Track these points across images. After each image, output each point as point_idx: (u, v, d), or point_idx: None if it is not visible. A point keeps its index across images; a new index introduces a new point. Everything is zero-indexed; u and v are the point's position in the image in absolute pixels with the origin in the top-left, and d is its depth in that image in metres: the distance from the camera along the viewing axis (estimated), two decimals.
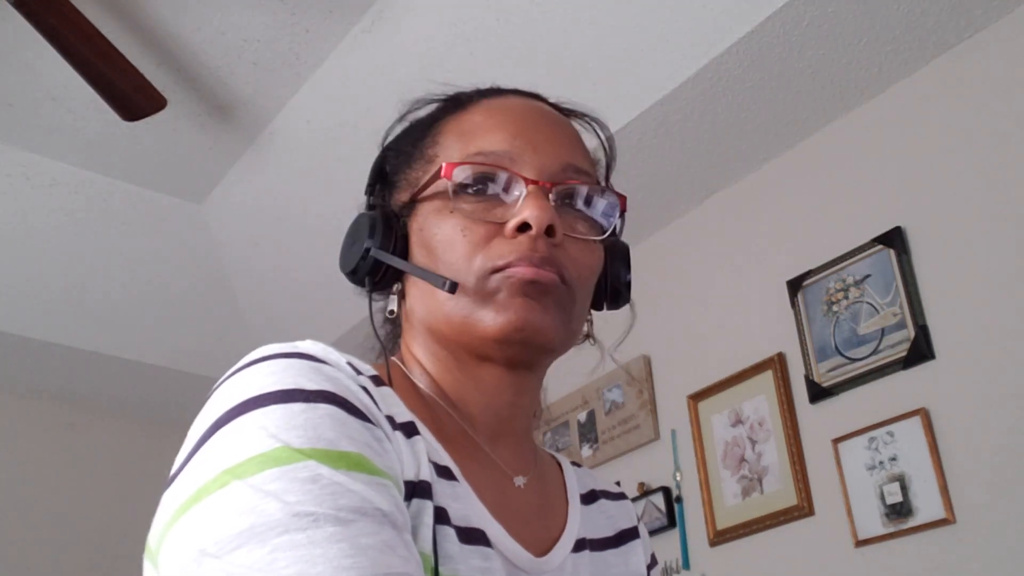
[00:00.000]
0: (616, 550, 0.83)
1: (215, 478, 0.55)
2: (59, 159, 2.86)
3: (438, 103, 0.84)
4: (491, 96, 0.82)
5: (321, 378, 0.60)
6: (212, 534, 0.53)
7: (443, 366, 0.76)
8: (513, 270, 0.71)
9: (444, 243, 0.74)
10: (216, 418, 0.59)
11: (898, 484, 2.04)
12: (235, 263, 3.33)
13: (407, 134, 0.83)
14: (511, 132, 0.77)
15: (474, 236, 0.73)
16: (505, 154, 0.75)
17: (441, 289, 0.71)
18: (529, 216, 0.71)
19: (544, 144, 0.77)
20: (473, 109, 0.80)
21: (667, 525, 2.51)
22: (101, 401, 3.76)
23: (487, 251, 0.72)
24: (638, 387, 2.73)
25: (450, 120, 0.80)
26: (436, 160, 0.78)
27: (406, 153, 0.81)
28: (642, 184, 2.62)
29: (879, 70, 2.27)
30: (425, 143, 0.80)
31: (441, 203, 0.75)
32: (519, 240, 0.72)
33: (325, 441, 0.56)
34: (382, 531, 0.54)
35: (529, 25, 2.31)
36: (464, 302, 0.72)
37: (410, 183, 0.79)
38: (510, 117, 0.78)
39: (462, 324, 0.72)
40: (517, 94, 0.83)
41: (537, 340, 0.72)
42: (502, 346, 0.72)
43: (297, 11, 2.44)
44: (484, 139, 0.76)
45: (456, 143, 0.77)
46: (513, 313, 0.71)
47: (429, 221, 0.76)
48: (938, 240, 2.15)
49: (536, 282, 0.71)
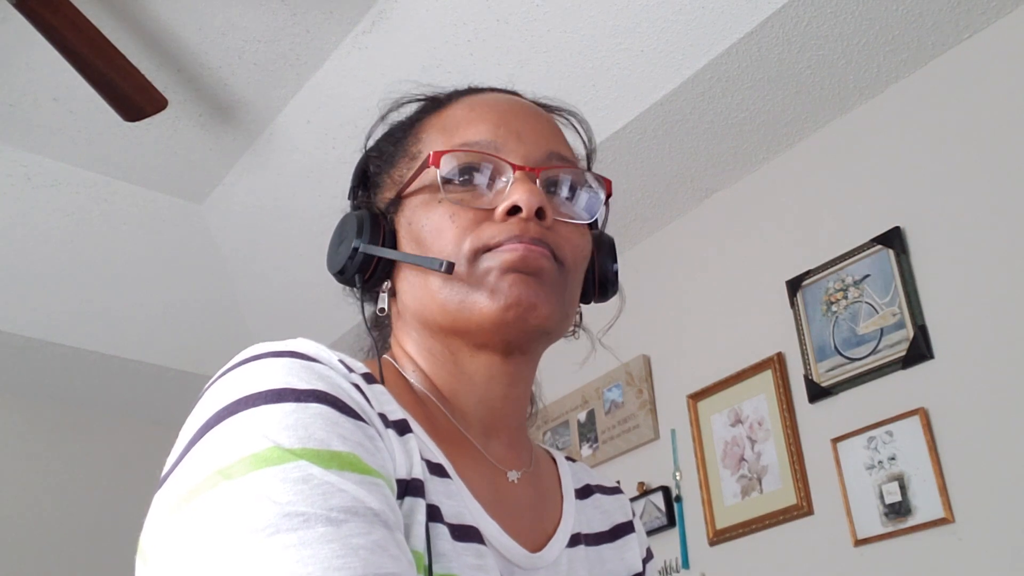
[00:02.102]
0: (611, 544, 0.83)
1: (206, 479, 0.55)
2: (60, 159, 2.86)
3: (418, 103, 0.84)
4: (470, 94, 0.83)
5: (312, 377, 0.60)
6: (203, 534, 0.53)
7: (436, 360, 0.76)
8: (504, 247, 0.71)
9: (433, 231, 0.74)
10: (207, 418, 0.58)
11: (897, 484, 2.05)
12: (235, 263, 3.33)
13: (388, 136, 0.84)
14: (494, 122, 0.77)
15: (463, 221, 0.73)
16: (490, 143, 0.76)
17: (437, 270, 0.71)
18: (519, 199, 0.72)
19: (527, 133, 0.78)
20: (453, 106, 0.81)
21: (667, 524, 2.52)
22: (101, 401, 3.76)
23: (477, 233, 0.72)
24: (638, 387, 2.73)
25: (431, 118, 0.81)
26: (420, 156, 0.78)
27: (389, 154, 0.82)
28: (642, 184, 2.62)
29: (878, 70, 2.27)
30: (407, 142, 0.81)
31: (428, 195, 0.76)
32: (509, 222, 0.72)
33: (316, 441, 0.56)
34: (374, 531, 0.54)
35: (529, 25, 2.31)
36: (457, 287, 0.72)
37: (395, 182, 0.80)
38: (492, 109, 0.79)
39: (458, 309, 0.72)
40: (494, 91, 0.84)
41: (532, 319, 0.71)
42: (499, 328, 0.72)
43: (298, 12, 2.45)
44: (468, 131, 0.77)
45: (439, 137, 0.78)
46: (507, 292, 0.71)
47: (417, 214, 0.76)
48: (937, 240, 2.15)
49: (527, 259, 0.71)
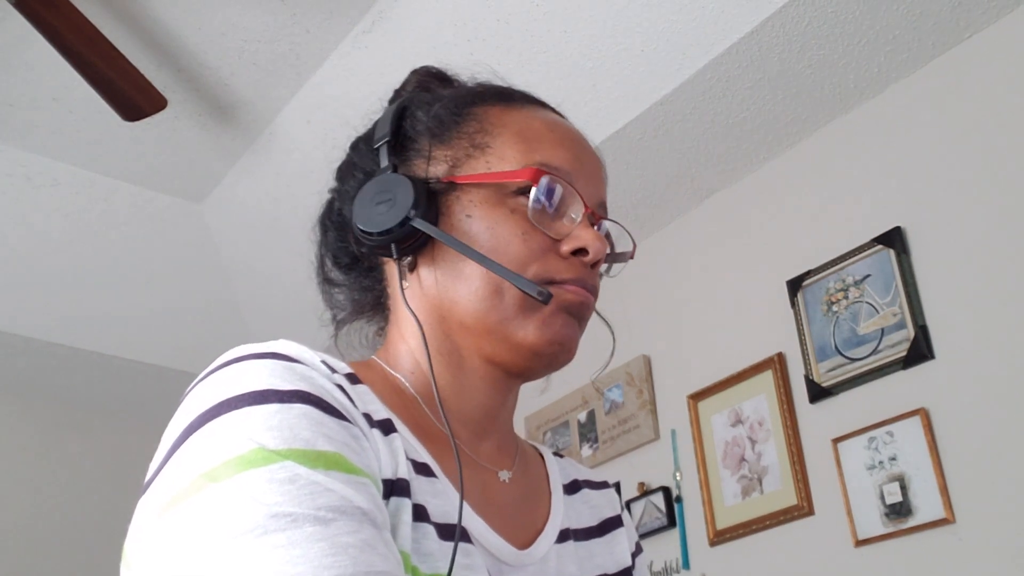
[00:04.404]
0: (600, 539, 0.83)
1: (191, 483, 0.54)
2: (60, 159, 2.86)
3: (480, 88, 0.82)
4: (537, 104, 0.81)
5: (295, 377, 0.60)
6: (190, 539, 0.53)
7: (441, 359, 0.75)
8: (567, 286, 0.73)
9: (498, 239, 0.73)
10: (189, 422, 0.58)
11: (898, 484, 2.05)
12: (235, 263, 3.33)
13: (444, 102, 0.79)
14: (575, 153, 0.77)
15: (533, 243, 0.73)
16: (568, 174, 0.75)
17: (533, 297, 0.70)
18: (589, 244, 0.74)
19: (594, 174, 0.79)
20: (526, 111, 0.79)
21: (667, 525, 2.51)
22: (101, 401, 3.76)
23: (544, 262, 0.73)
24: (638, 387, 2.73)
25: (499, 111, 0.78)
26: (488, 150, 0.75)
27: (442, 122, 0.77)
28: (642, 184, 2.62)
29: (878, 70, 2.27)
30: (468, 122, 0.77)
31: (496, 197, 0.74)
32: (572, 262, 0.74)
33: (301, 441, 0.56)
34: (362, 529, 0.54)
35: (529, 25, 2.31)
36: (508, 305, 0.72)
37: (446, 160, 0.76)
38: (570, 138, 0.79)
39: (498, 325, 0.72)
40: (550, 108, 0.83)
41: (563, 358, 0.74)
42: (531, 359, 0.73)
43: (298, 12, 2.44)
44: (550, 152, 0.76)
45: (515, 142, 0.76)
46: (557, 330, 0.72)
47: (481, 211, 0.74)
48: (938, 240, 2.15)
49: (585, 305, 0.74)
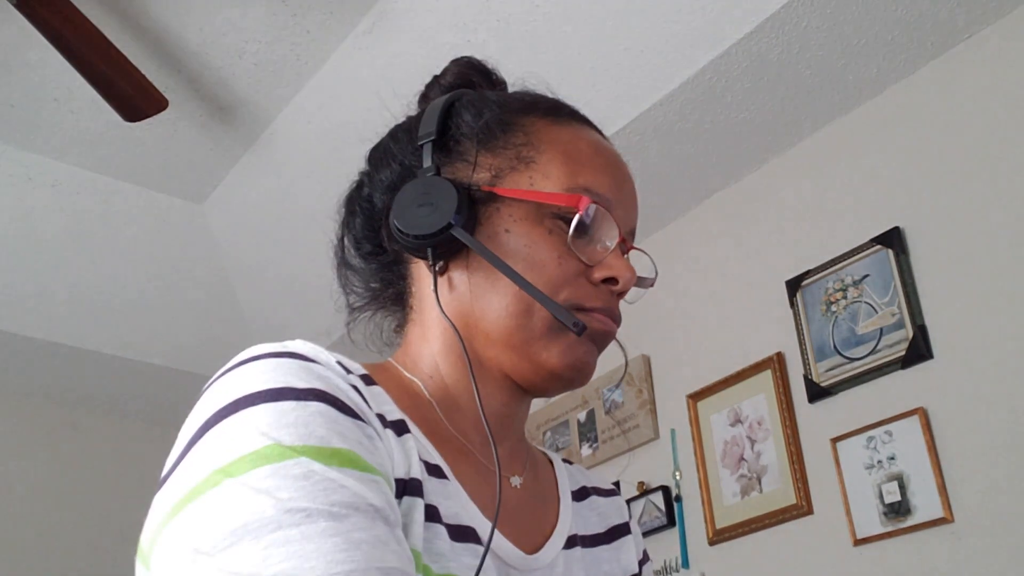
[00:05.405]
0: (608, 546, 0.83)
1: (207, 478, 0.55)
2: (61, 159, 2.87)
3: (529, 98, 0.81)
4: (583, 123, 0.81)
5: (311, 376, 0.60)
6: (206, 533, 0.53)
7: (462, 365, 0.75)
8: (595, 315, 0.74)
9: (535, 262, 0.73)
10: (206, 418, 0.59)
11: (896, 483, 2.05)
12: (236, 263, 3.34)
13: (494, 106, 0.78)
14: (617, 180, 0.78)
15: (567, 267, 0.73)
16: (607, 201, 0.76)
17: (569, 328, 0.71)
18: (620, 275, 0.74)
19: (631, 204, 0.80)
20: (572, 129, 0.79)
21: (666, 524, 2.52)
22: (101, 401, 3.76)
23: (575, 288, 0.73)
24: (638, 387, 2.73)
25: (546, 126, 0.78)
26: (533, 165, 0.75)
27: (489, 128, 0.77)
28: (642, 184, 2.59)
29: (878, 71, 2.28)
30: (516, 134, 0.77)
31: (536, 216, 0.74)
32: (602, 290, 0.75)
33: (316, 438, 0.56)
34: (375, 526, 0.55)
35: (529, 25, 2.31)
36: (534, 326, 0.73)
37: (490, 169, 0.76)
38: (612, 162, 0.79)
39: (522, 344, 0.73)
40: (594, 126, 0.83)
41: (579, 383, 0.75)
42: (550, 380, 0.74)
43: (298, 12, 2.45)
44: (592, 176, 0.76)
45: (560, 162, 0.76)
46: (580, 356, 0.74)
47: (521, 228, 0.74)
48: (936, 240, 2.15)
49: (609, 335, 0.75)
